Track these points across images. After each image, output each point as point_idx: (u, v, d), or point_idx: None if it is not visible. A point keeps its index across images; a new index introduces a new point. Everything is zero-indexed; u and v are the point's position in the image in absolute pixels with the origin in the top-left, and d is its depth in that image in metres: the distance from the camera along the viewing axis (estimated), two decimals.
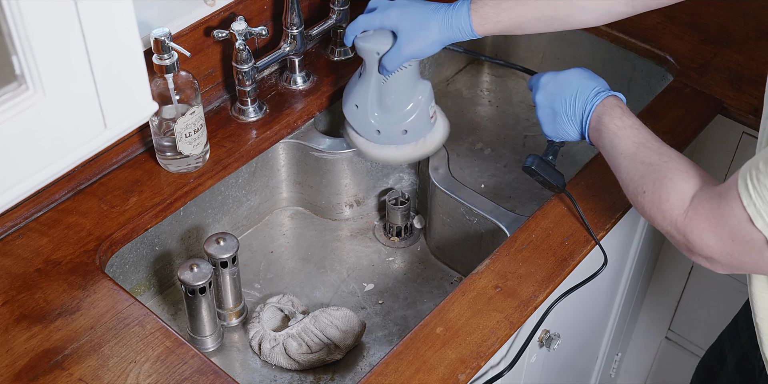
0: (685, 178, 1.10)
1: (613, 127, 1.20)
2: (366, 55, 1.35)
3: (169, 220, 1.40)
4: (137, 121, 0.86)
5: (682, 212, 1.07)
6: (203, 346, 1.38)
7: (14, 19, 0.70)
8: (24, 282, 1.24)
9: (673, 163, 1.13)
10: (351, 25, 1.34)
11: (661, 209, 1.10)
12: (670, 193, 1.09)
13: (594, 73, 1.29)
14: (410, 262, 1.56)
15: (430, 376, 1.17)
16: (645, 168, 1.14)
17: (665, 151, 1.15)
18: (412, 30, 1.30)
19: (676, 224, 1.08)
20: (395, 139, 1.43)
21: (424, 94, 1.40)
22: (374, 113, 1.41)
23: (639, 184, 1.14)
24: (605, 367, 1.96)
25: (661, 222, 1.11)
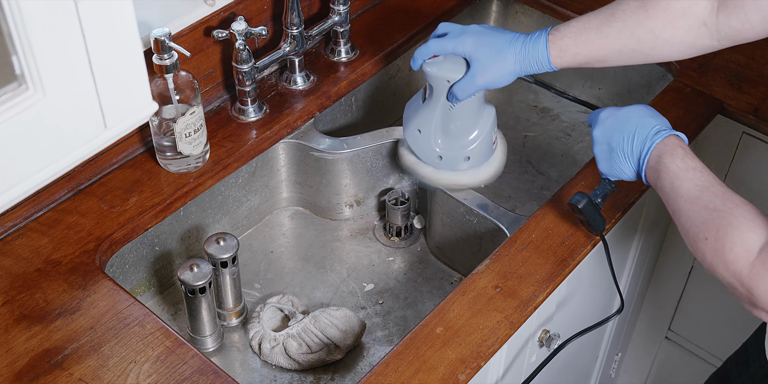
0: (752, 227, 1.04)
1: (675, 168, 1.14)
2: (435, 81, 1.32)
3: (169, 220, 1.40)
4: (137, 121, 0.86)
5: (748, 264, 1.02)
6: (203, 346, 1.38)
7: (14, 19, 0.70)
8: (24, 282, 1.24)
9: (739, 211, 1.06)
10: (421, 49, 1.30)
11: (724, 259, 1.04)
12: (736, 243, 1.04)
13: (656, 111, 1.23)
14: (410, 262, 1.56)
15: (430, 376, 1.17)
16: (708, 213, 1.08)
17: (731, 197, 1.09)
18: (487, 60, 1.26)
19: (740, 276, 1.03)
20: (457, 165, 1.40)
21: (489, 120, 1.38)
22: (438, 139, 1.38)
23: (701, 230, 1.08)
24: (605, 367, 1.96)
25: (723, 272, 1.05)
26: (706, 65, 1.58)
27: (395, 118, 1.75)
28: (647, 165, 1.18)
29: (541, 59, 1.26)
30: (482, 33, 1.28)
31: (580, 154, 1.70)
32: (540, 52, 1.25)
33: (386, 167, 1.57)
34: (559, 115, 1.78)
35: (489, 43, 1.27)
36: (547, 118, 1.77)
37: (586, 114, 1.77)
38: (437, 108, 1.35)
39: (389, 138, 1.52)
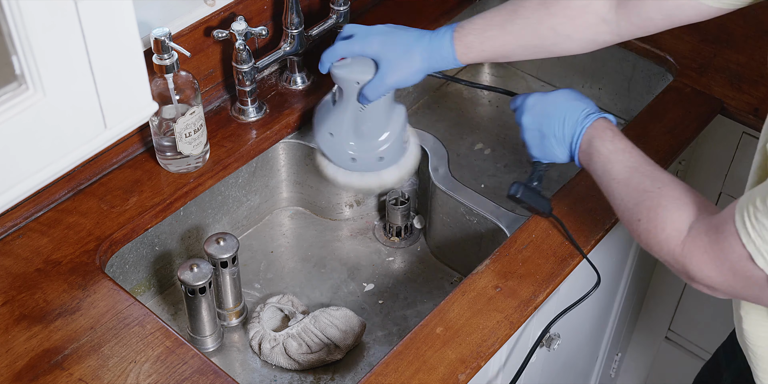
0: (680, 205, 1.07)
1: (605, 151, 1.18)
2: (344, 83, 1.31)
3: (169, 220, 1.40)
4: (137, 121, 0.86)
5: (680, 243, 1.05)
6: (203, 346, 1.38)
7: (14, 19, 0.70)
8: (24, 282, 1.24)
9: (667, 190, 1.09)
10: (327, 52, 1.30)
11: (657, 239, 1.07)
12: (666, 223, 1.06)
13: (582, 95, 1.26)
14: (410, 262, 1.56)
15: (430, 376, 1.17)
16: (639, 195, 1.11)
17: (659, 176, 1.12)
18: (395, 59, 1.27)
19: (674, 255, 1.06)
20: (371, 166, 1.40)
21: (400, 119, 1.38)
22: (350, 141, 1.38)
23: (634, 212, 1.11)
24: (605, 367, 1.96)
25: (658, 251, 1.08)
26: (706, 65, 1.58)
27: None
28: (579, 149, 1.22)
29: (447, 56, 1.27)
30: (388, 32, 1.29)
31: None
32: (446, 49, 1.26)
33: None
34: None
35: (396, 42, 1.28)
36: None
37: None
38: (348, 110, 1.34)
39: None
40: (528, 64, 1.84)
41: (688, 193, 1.09)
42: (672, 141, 1.46)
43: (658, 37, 1.63)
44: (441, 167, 1.48)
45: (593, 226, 1.34)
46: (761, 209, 0.94)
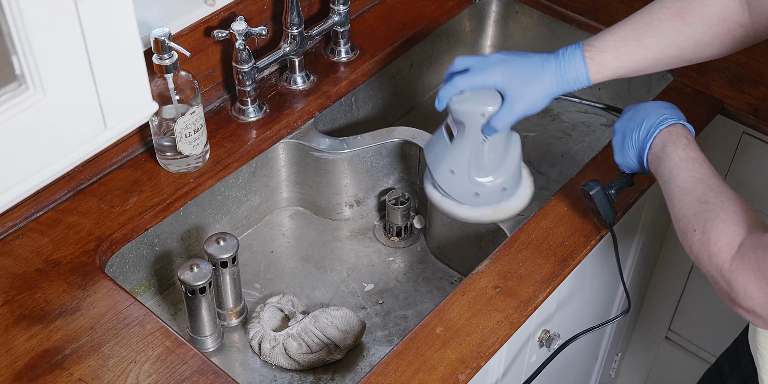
0: (738, 221, 1.05)
1: (675, 157, 1.15)
2: (468, 117, 1.26)
3: (169, 220, 1.40)
4: (137, 121, 0.86)
5: (729, 258, 1.03)
6: (203, 346, 1.38)
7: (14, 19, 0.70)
8: (24, 282, 1.24)
9: (729, 204, 1.07)
10: (447, 88, 1.26)
11: (709, 251, 1.05)
12: (720, 236, 1.05)
13: (674, 106, 1.24)
14: (410, 262, 1.56)
15: (430, 376, 1.17)
16: (700, 205, 1.09)
17: (724, 191, 1.10)
18: (522, 87, 1.23)
19: (722, 270, 1.03)
20: (494, 199, 1.36)
21: (518, 147, 1.34)
22: (474, 176, 1.33)
23: (691, 221, 1.09)
24: (605, 367, 1.96)
25: (707, 265, 1.06)
26: (706, 65, 1.58)
27: (395, 118, 1.75)
28: (650, 151, 1.20)
29: (579, 77, 1.24)
30: (508, 61, 1.25)
31: (580, 154, 1.70)
32: (578, 70, 1.23)
33: (386, 167, 1.57)
34: (559, 115, 1.78)
35: (520, 69, 1.24)
36: (547, 118, 1.77)
37: (586, 114, 1.77)
38: (469, 145, 1.30)
39: (389, 138, 1.52)
40: None
41: (749, 211, 1.07)
42: None
43: None
44: None
45: (593, 225, 1.34)
46: None
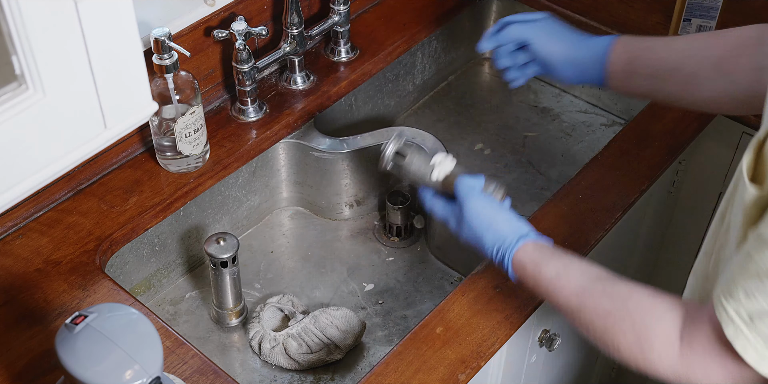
0: (658, 316, 0.96)
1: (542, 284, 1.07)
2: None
3: (169, 220, 1.40)
4: (137, 121, 0.86)
5: (677, 357, 0.94)
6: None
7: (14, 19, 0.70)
8: (24, 282, 1.24)
9: (632, 304, 0.98)
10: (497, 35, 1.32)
11: (649, 360, 0.96)
12: (653, 340, 0.95)
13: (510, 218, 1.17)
14: (410, 262, 1.56)
15: (430, 376, 1.17)
16: (603, 320, 0.99)
17: (614, 292, 1.00)
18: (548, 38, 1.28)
19: (675, 370, 0.95)
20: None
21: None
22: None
23: (606, 340, 0.99)
24: (605, 367, 1.96)
25: (654, 372, 0.97)
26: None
27: (395, 118, 1.75)
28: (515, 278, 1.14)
29: (600, 44, 1.24)
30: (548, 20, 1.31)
31: (580, 154, 1.70)
32: (602, 40, 1.24)
33: None
34: (559, 115, 1.78)
35: (553, 27, 1.29)
36: (547, 118, 1.77)
37: (586, 114, 1.77)
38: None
39: (389, 138, 1.52)
40: None
41: (657, 299, 0.98)
42: (672, 141, 1.46)
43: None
44: None
45: (593, 225, 1.34)
46: (749, 306, 0.85)
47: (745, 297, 0.86)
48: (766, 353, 0.87)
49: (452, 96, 1.81)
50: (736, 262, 0.88)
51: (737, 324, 0.87)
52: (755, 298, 0.85)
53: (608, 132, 1.74)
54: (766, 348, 0.87)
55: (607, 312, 0.99)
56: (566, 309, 1.05)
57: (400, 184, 1.60)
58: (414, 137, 1.52)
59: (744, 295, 0.86)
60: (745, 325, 0.87)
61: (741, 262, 0.87)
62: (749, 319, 0.86)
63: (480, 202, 1.17)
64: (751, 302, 0.86)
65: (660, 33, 1.64)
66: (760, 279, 0.84)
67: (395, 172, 1.26)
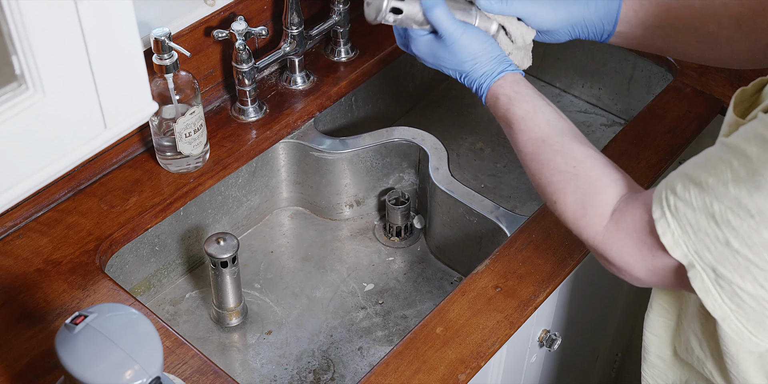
0: (600, 188, 0.99)
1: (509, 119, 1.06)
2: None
3: (169, 220, 1.40)
4: (137, 121, 0.86)
5: (602, 229, 0.98)
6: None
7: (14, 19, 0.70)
8: (24, 282, 1.24)
9: (583, 169, 1.00)
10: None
11: (576, 224, 1.00)
12: (586, 208, 0.99)
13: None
14: (410, 262, 1.56)
15: (430, 376, 1.17)
16: (551, 174, 1.02)
17: (572, 151, 1.02)
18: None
19: (595, 241, 0.99)
20: None
21: None
22: None
23: (547, 192, 1.03)
24: (605, 367, 1.96)
25: (578, 236, 1.01)
26: (706, 65, 1.58)
27: (395, 118, 1.75)
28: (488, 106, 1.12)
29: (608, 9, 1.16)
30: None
31: None
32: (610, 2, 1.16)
33: (386, 167, 1.57)
34: None
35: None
36: None
37: (586, 114, 1.77)
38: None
39: (389, 138, 1.52)
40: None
41: (607, 171, 1.01)
42: (672, 141, 1.46)
43: None
44: (441, 167, 1.48)
45: None
46: (682, 196, 0.89)
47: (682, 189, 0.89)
48: (680, 240, 0.90)
49: (452, 96, 1.81)
50: (692, 160, 0.91)
51: (664, 209, 0.91)
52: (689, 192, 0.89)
53: (608, 132, 1.74)
54: (681, 234, 0.90)
55: (558, 169, 1.02)
56: (522, 152, 1.06)
57: (400, 184, 1.60)
58: (414, 137, 1.52)
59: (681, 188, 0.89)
60: (670, 212, 0.90)
61: (696, 160, 0.91)
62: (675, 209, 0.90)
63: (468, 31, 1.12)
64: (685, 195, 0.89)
65: None
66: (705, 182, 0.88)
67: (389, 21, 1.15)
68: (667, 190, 0.91)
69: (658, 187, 0.93)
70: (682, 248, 0.90)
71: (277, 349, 1.42)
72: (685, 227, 0.89)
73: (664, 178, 0.96)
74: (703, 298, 0.91)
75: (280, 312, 1.47)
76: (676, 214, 0.90)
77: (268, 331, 1.44)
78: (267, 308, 1.47)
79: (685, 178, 0.90)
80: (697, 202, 0.88)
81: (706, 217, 0.87)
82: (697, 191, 0.88)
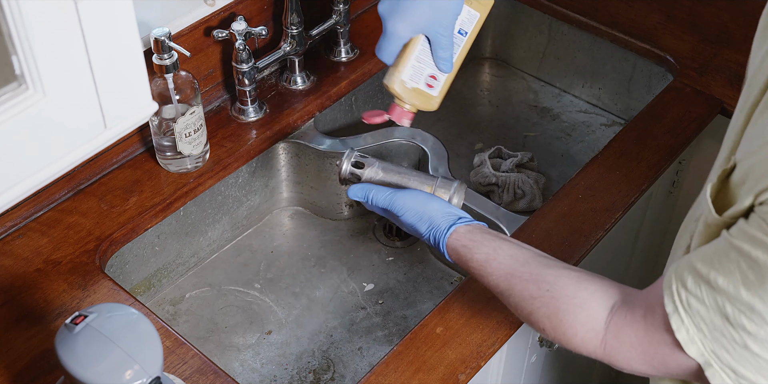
0: (581, 304, 0.97)
1: (472, 268, 1.09)
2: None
3: (169, 220, 1.40)
4: (137, 121, 0.86)
5: (599, 343, 0.96)
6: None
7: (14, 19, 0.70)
8: (24, 282, 1.24)
9: (558, 290, 0.99)
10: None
11: (572, 345, 0.98)
12: (576, 327, 0.97)
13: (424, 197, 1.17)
14: (410, 262, 1.56)
15: (430, 376, 1.17)
16: (529, 304, 1.01)
17: (541, 277, 1.02)
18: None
19: (597, 356, 0.97)
20: None
21: None
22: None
23: (533, 322, 1.02)
24: (605, 367, 1.96)
25: (579, 353, 0.99)
26: (706, 65, 1.58)
27: None
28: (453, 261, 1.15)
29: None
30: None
31: (580, 154, 1.70)
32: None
33: None
34: (559, 115, 1.78)
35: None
36: (547, 118, 1.77)
37: (586, 114, 1.77)
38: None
39: (389, 138, 1.52)
40: (528, 64, 1.84)
41: (582, 285, 0.99)
42: (672, 141, 1.46)
43: (658, 37, 1.63)
44: (441, 167, 1.48)
45: (593, 226, 1.34)
46: (693, 291, 0.87)
47: (693, 285, 0.87)
48: (696, 338, 0.88)
49: (452, 96, 1.81)
50: (700, 251, 0.88)
51: (676, 303, 0.88)
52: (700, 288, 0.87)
53: (608, 132, 1.74)
54: (697, 332, 0.87)
55: (533, 297, 1.01)
56: (496, 291, 1.07)
57: None
58: (414, 137, 1.52)
59: (692, 283, 0.87)
60: (683, 307, 0.88)
61: (704, 253, 0.87)
62: (688, 305, 0.88)
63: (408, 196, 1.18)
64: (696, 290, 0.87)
65: (659, 33, 1.64)
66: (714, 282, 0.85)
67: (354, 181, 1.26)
68: (677, 283, 0.89)
69: (667, 278, 0.90)
70: (698, 346, 0.88)
71: (277, 349, 1.42)
72: (700, 325, 0.87)
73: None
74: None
75: (280, 312, 1.47)
76: (689, 311, 0.87)
77: (268, 331, 1.44)
78: (267, 308, 1.47)
79: (695, 273, 0.87)
80: (709, 301, 0.86)
81: (721, 317, 0.85)
82: (708, 289, 0.86)
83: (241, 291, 1.49)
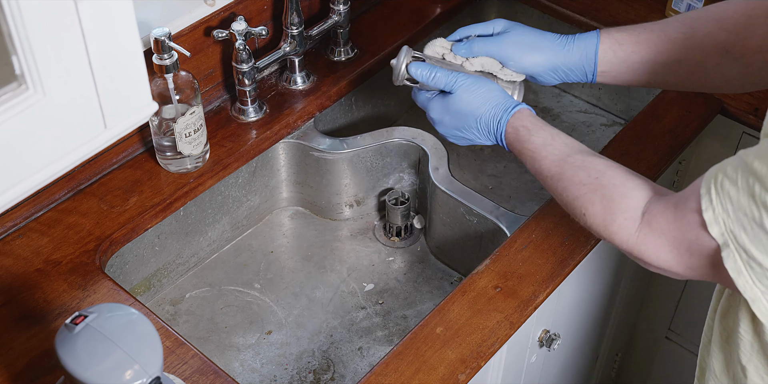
0: (625, 193, 1.03)
1: (527, 152, 1.14)
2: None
3: (169, 220, 1.40)
4: (137, 121, 0.86)
5: (634, 231, 1.01)
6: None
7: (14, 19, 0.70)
8: (24, 282, 1.24)
9: (606, 179, 1.05)
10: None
11: (608, 231, 1.04)
12: (616, 213, 1.03)
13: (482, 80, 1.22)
14: (410, 262, 1.56)
15: (430, 376, 1.17)
16: (576, 188, 1.07)
17: (592, 165, 1.08)
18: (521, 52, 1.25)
19: (629, 244, 1.02)
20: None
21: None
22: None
23: (575, 207, 1.08)
24: (605, 367, 1.96)
25: (611, 242, 1.05)
26: None
27: (395, 118, 1.75)
28: (508, 146, 1.20)
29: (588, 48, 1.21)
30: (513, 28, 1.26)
31: None
32: (588, 40, 1.21)
33: (386, 167, 1.57)
34: (559, 115, 1.78)
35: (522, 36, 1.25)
36: (547, 118, 1.77)
37: (586, 114, 1.77)
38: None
39: (389, 138, 1.52)
40: None
41: (629, 177, 1.05)
42: (672, 141, 1.46)
43: None
44: (441, 167, 1.48)
45: None
46: (731, 176, 0.90)
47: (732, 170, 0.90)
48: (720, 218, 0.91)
49: None
50: (749, 149, 0.90)
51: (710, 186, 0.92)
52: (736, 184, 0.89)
53: (608, 132, 1.74)
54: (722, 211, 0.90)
55: (582, 182, 1.07)
56: (546, 175, 1.12)
57: (400, 184, 1.60)
58: (414, 137, 1.52)
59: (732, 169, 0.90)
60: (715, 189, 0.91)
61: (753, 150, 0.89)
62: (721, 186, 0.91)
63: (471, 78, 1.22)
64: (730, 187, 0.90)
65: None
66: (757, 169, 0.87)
67: (410, 84, 1.28)
68: (719, 171, 0.92)
69: (712, 168, 0.94)
70: (720, 226, 0.91)
71: (277, 349, 1.42)
72: (726, 206, 0.90)
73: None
74: (735, 279, 0.92)
75: (280, 312, 1.47)
76: (720, 192, 0.91)
77: (268, 331, 1.44)
78: (267, 308, 1.47)
79: (739, 161, 0.90)
80: (741, 183, 0.89)
81: (747, 196, 0.88)
82: (746, 173, 0.88)
83: (241, 291, 1.49)
